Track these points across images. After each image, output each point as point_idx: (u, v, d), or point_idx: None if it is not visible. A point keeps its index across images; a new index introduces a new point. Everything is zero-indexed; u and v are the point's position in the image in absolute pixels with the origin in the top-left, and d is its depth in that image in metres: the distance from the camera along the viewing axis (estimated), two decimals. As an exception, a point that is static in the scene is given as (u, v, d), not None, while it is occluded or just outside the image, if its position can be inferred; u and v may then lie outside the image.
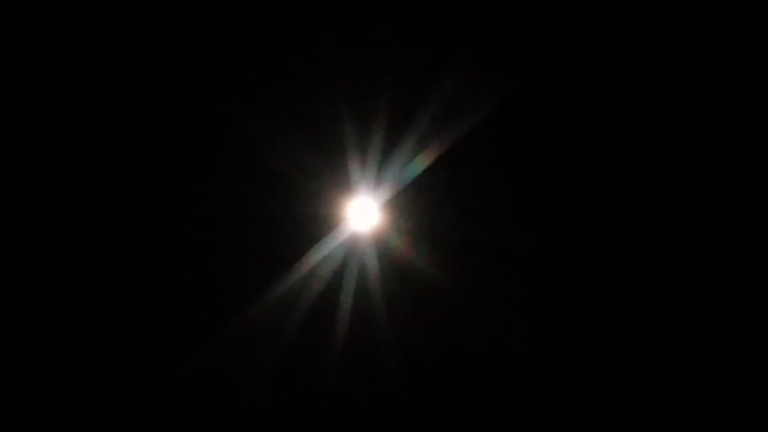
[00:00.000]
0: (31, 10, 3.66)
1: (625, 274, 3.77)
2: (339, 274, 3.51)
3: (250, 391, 3.59)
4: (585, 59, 3.74)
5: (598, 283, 3.75)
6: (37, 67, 3.65)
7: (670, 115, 3.79)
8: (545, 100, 3.66)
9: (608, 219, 3.78)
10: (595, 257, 3.74)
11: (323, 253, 3.52)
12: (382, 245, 3.57)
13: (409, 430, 3.67)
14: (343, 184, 3.50)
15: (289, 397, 3.62)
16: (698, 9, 3.72)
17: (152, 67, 3.64)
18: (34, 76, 3.67)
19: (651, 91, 3.79)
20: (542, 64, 3.66)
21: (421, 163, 3.45)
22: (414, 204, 3.52)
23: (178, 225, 3.58)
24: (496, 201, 3.60)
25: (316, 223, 3.50)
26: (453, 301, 3.61)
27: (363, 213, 3.57)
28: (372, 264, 3.56)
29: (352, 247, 3.53)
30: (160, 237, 3.66)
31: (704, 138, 3.80)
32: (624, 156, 3.76)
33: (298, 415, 3.64)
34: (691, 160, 3.79)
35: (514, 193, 3.63)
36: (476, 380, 3.67)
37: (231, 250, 3.54)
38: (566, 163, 3.69)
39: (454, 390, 3.68)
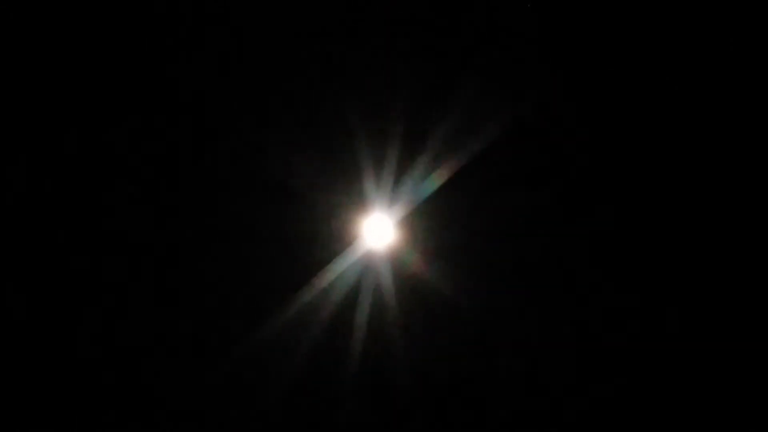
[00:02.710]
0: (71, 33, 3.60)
1: (638, 290, 3.72)
2: (355, 289, 3.53)
3: (266, 404, 3.55)
4: (597, 77, 3.69)
5: (609, 297, 3.68)
6: (65, 77, 3.60)
7: (682, 131, 3.72)
8: (556, 119, 3.63)
9: (621, 236, 3.73)
10: (607, 272, 3.72)
11: (340, 268, 3.54)
12: (396, 261, 3.59)
13: None
14: (358, 203, 3.54)
15: (305, 410, 3.58)
16: (705, 21, 3.65)
17: (169, 85, 3.60)
18: (61, 85, 3.61)
19: (663, 106, 3.73)
20: (553, 84, 3.62)
21: (434, 182, 3.44)
22: (427, 221, 3.53)
23: (199, 241, 3.56)
24: (508, 219, 3.59)
25: (332, 240, 3.51)
26: (465, 315, 3.59)
27: (378, 230, 3.60)
28: (386, 279, 3.57)
29: (367, 263, 3.56)
30: (181, 252, 3.64)
31: (713, 146, 3.71)
32: (639, 174, 3.71)
33: (313, 427, 3.57)
34: (702, 172, 3.70)
35: (524, 211, 3.62)
36: (488, 393, 3.62)
37: (252, 266, 3.53)
38: (578, 181, 3.65)
39: (466, 403, 3.62)
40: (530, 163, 3.67)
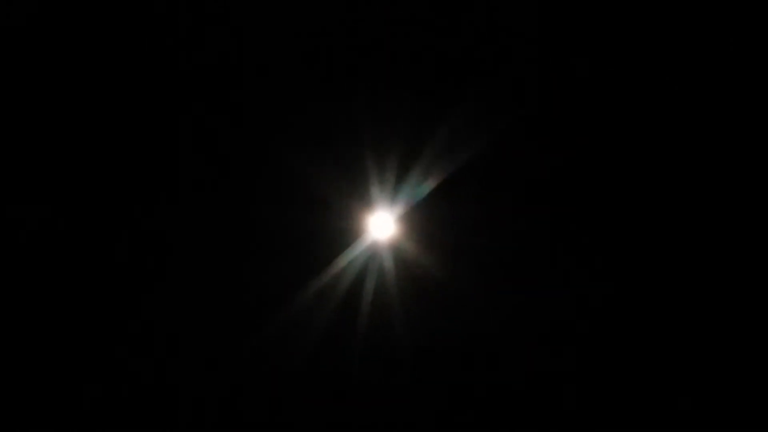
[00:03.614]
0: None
1: (631, 280, 3.73)
2: (361, 277, 3.66)
3: (288, 371, 3.66)
4: (591, 81, 3.68)
5: (604, 283, 3.72)
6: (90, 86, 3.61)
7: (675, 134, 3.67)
8: (545, 127, 3.70)
9: (611, 220, 3.74)
10: (601, 260, 3.74)
11: (348, 259, 3.65)
12: (397, 252, 3.71)
13: (421, 413, 3.70)
14: (365, 202, 3.68)
15: (318, 383, 3.69)
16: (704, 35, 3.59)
17: (181, 82, 3.63)
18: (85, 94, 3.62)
19: (657, 109, 3.67)
20: (551, 85, 3.67)
21: (430, 184, 3.61)
22: (424, 218, 3.69)
23: (223, 233, 3.69)
24: (499, 214, 3.71)
25: (343, 233, 3.66)
26: (460, 299, 3.69)
27: (382, 225, 3.71)
28: (390, 268, 3.68)
29: (372, 254, 3.69)
30: (201, 245, 3.69)
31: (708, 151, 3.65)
32: (625, 168, 3.70)
33: (326, 400, 3.69)
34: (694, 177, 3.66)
35: (514, 208, 3.72)
36: (481, 369, 3.73)
37: (269, 258, 3.64)
38: (567, 177, 3.71)
39: (461, 377, 3.73)
40: (516, 169, 3.70)
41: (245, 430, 3.68)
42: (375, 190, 3.65)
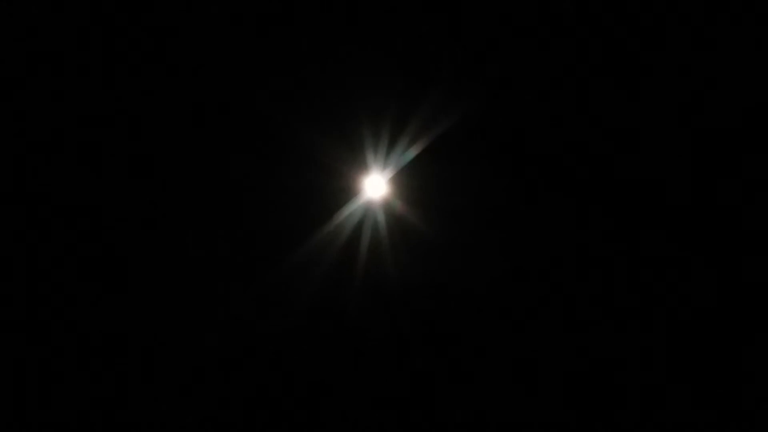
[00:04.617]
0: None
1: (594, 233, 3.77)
2: (358, 229, 3.78)
3: (285, 323, 3.77)
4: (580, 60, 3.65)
5: (585, 234, 3.76)
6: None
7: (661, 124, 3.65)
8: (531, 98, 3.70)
9: (586, 183, 3.77)
10: (585, 226, 3.80)
11: (347, 214, 3.77)
12: (389, 209, 3.83)
13: (409, 345, 3.81)
14: (360, 166, 3.80)
15: (322, 319, 3.81)
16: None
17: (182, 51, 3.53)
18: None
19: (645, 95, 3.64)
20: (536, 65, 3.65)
21: (417, 149, 3.71)
22: (413, 179, 3.81)
23: (228, 195, 3.72)
24: (476, 177, 3.83)
25: (340, 193, 3.78)
26: (441, 248, 3.83)
27: (375, 186, 3.83)
28: (382, 222, 3.80)
29: (367, 210, 3.80)
30: (208, 204, 3.72)
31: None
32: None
33: (328, 333, 3.80)
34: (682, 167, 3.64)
35: (489, 171, 3.83)
36: (459, 305, 3.86)
37: (279, 213, 3.74)
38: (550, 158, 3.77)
39: (442, 313, 3.85)
40: (502, 138, 3.80)
41: (252, 370, 3.77)
42: (369, 156, 3.78)
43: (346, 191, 3.79)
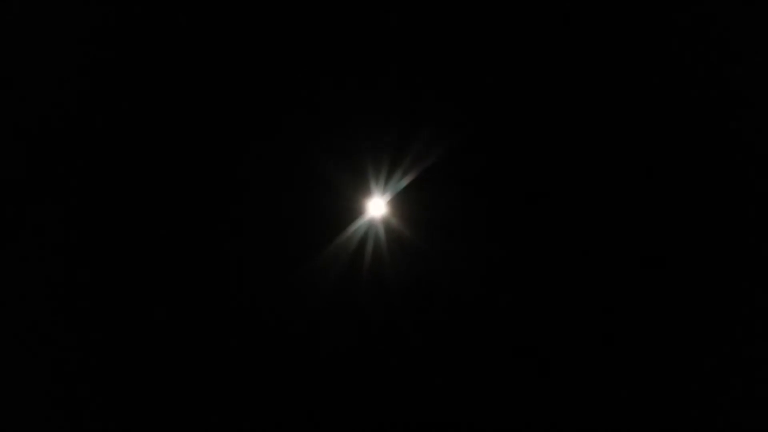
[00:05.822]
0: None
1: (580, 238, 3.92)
2: (361, 246, 3.98)
3: (298, 328, 3.95)
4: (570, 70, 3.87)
5: (586, 246, 3.91)
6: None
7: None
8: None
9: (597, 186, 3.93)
10: (586, 235, 3.95)
11: (348, 234, 3.96)
12: (389, 227, 4.03)
13: (410, 346, 3.94)
14: (364, 189, 4.04)
15: (329, 326, 3.98)
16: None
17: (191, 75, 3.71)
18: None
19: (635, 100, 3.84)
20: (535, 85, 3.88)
21: (413, 175, 3.94)
22: (411, 201, 4.02)
23: (252, 212, 3.90)
24: (467, 198, 4.03)
25: (348, 212, 4.00)
26: (437, 262, 4.02)
27: (376, 207, 4.06)
28: (382, 237, 4.00)
29: (369, 229, 4.01)
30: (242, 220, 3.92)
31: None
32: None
33: (336, 337, 3.95)
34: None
35: (480, 194, 4.03)
36: (455, 311, 4.01)
37: (292, 229, 3.95)
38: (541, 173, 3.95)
39: (441, 317, 4.00)
40: (493, 161, 3.97)
41: (264, 367, 3.91)
42: (372, 182, 4.03)
43: (352, 211, 4.04)
